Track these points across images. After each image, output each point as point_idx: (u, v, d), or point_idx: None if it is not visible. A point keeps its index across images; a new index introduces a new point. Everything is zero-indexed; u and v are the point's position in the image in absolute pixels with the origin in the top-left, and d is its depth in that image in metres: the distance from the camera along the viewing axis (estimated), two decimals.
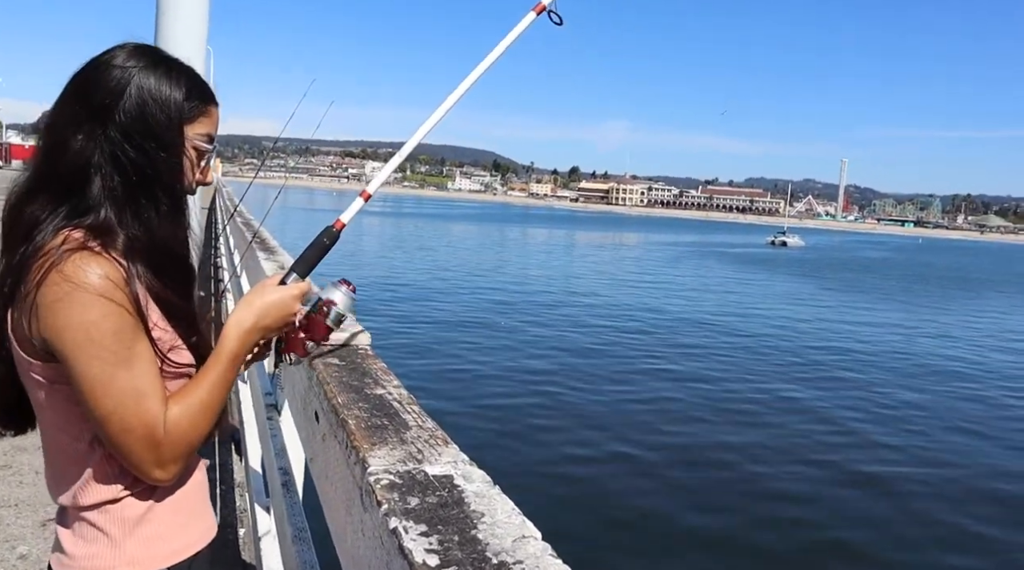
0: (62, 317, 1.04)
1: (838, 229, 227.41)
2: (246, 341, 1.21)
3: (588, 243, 62.45)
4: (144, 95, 1.13)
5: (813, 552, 6.67)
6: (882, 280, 41.40)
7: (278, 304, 1.24)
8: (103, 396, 1.06)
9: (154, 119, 1.14)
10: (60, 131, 1.13)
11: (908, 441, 10.05)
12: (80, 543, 1.18)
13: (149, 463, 1.10)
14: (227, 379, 1.18)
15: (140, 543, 1.18)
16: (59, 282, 1.04)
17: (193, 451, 1.16)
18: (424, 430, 1.26)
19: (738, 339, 16.97)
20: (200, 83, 1.23)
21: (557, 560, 0.84)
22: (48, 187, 1.12)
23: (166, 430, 1.10)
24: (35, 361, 1.10)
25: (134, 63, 1.15)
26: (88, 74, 1.15)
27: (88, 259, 1.06)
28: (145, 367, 1.09)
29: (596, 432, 9.56)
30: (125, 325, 1.07)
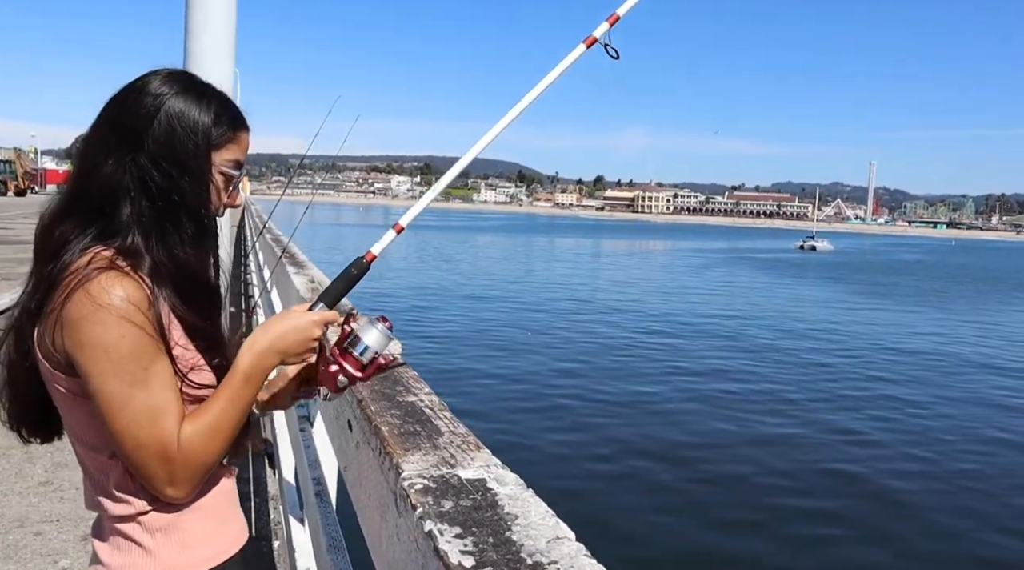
0: (84, 335, 1.07)
1: (868, 232, 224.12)
2: (260, 363, 1.20)
3: (615, 251, 62.30)
4: (173, 122, 1.15)
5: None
6: (917, 282, 40.69)
7: (297, 329, 1.23)
8: (118, 413, 1.08)
9: (182, 145, 1.16)
10: (92, 155, 1.16)
11: (947, 449, 9.83)
12: (115, 553, 1.20)
13: (162, 481, 1.12)
14: (241, 400, 1.18)
15: (173, 550, 1.20)
16: (84, 301, 1.07)
17: (208, 471, 1.17)
18: (456, 435, 1.27)
19: (773, 344, 16.77)
20: (231, 109, 1.24)
21: (592, 560, 0.84)
22: (78, 209, 1.16)
23: (179, 449, 1.11)
24: (59, 374, 1.13)
25: (167, 90, 1.17)
26: (122, 99, 1.18)
27: (113, 280, 1.09)
28: (162, 387, 1.11)
29: (629, 435, 9.54)
30: (144, 346, 1.09)
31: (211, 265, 1.26)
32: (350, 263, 1.37)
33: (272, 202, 7.97)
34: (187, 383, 1.16)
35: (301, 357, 1.26)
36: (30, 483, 4.34)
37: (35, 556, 3.52)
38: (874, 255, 77.69)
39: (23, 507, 4.03)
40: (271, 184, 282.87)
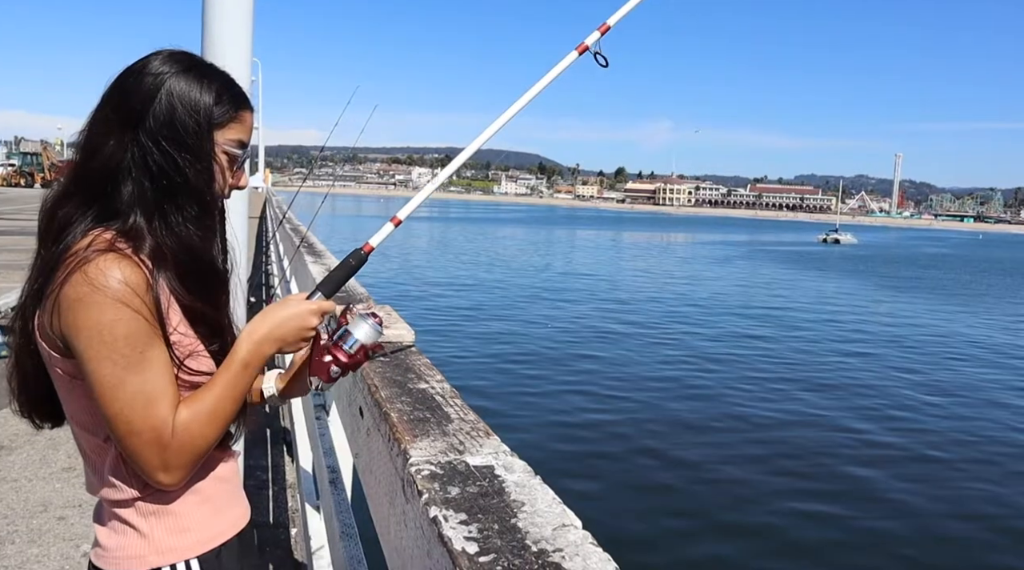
0: (80, 317, 1.06)
1: (893, 226, 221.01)
2: (258, 351, 1.19)
3: (636, 243, 62.00)
4: (174, 100, 1.14)
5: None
6: (942, 275, 40.14)
7: (294, 316, 1.22)
8: (112, 398, 1.08)
9: (183, 125, 1.14)
10: (94, 136, 1.15)
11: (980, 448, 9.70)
12: (112, 535, 1.21)
13: (155, 467, 1.11)
14: (237, 387, 1.17)
15: (166, 534, 1.20)
16: (81, 283, 1.06)
17: (202, 457, 1.16)
18: (466, 422, 1.26)
19: (793, 335, 16.63)
20: (233, 88, 1.22)
21: (597, 548, 0.83)
22: (80, 190, 1.15)
23: (174, 435, 1.11)
24: (57, 356, 1.13)
25: (167, 69, 1.16)
26: (123, 80, 1.17)
27: (112, 262, 1.08)
28: (157, 372, 1.10)
29: (644, 426, 9.51)
30: (139, 330, 1.08)
31: (216, 247, 1.25)
32: (348, 254, 1.39)
33: (293, 194, 8.13)
34: (184, 369, 1.16)
35: (298, 345, 1.25)
36: (53, 469, 4.42)
37: (58, 540, 3.58)
38: (899, 249, 76.63)
39: (47, 492, 4.10)
40: (292, 176, 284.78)
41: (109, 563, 1.21)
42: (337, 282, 1.37)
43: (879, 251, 67.75)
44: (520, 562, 0.80)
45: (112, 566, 1.21)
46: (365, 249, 1.39)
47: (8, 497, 4.00)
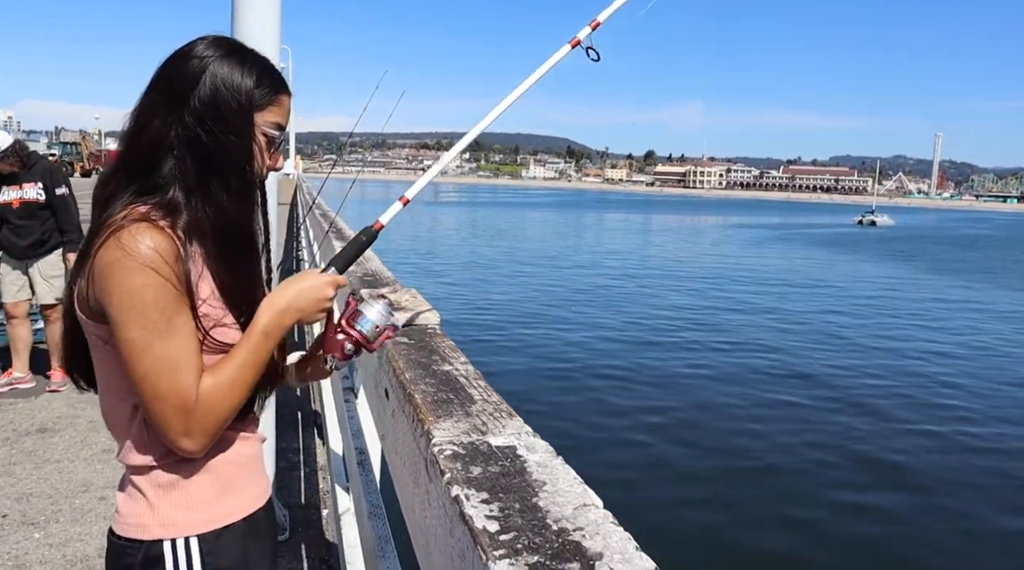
0: (111, 281, 1.11)
1: (932, 207, 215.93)
2: (278, 321, 1.23)
3: (665, 227, 61.48)
4: (217, 82, 1.19)
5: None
6: (983, 257, 39.22)
7: (311, 288, 1.27)
8: (138, 362, 1.12)
9: (226, 105, 1.19)
10: (141, 117, 1.21)
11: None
12: (127, 501, 1.26)
13: (178, 432, 1.15)
14: (259, 355, 1.21)
15: (172, 508, 1.24)
16: (114, 248, 1.11)
17: (224, 424, 1.20)
18: (489, 403, 1.27)
19: (829, 319, 16.41)
20: (272, 72, 1.27)
21: (618, 527, 0.84)
22: (126, 167, 1.21)
23: (198, 401, 1.14)
24: (90, 321, 1.18)
25: (211, 53, 1.21)
26: (169, 64, 1.22)
27: (144, 230, 1.12)
28: (183, 340, 1.14)
29: (670, 410, 9.52)
30: (167, 297, 1.12)
31: (255, 224, 1.29)
32: (360, 231, 1.44)
33: (323, 180, 8.21)
34: (209, 339, 1.19)
35: (315, 316, 1.29)
36: (95, 450, 4.54)
37: (99, 519, 3.68)
38: (938, 230, 74.95)
39: (88, 473, 4.22)
40: (323, 162, 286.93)
41: (120, 527, 1.26)
42: (349, 257, 1.42)
43: (917, 232, 66.35)
44: (540, 540, 0.80)
45: (123, 530, 1.26)
46: (375, 226, 1.44)
47: (52, 477, 4.12)
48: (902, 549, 6.29)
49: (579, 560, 0.76)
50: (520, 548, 0.78)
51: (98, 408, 1.25)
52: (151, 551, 1.23)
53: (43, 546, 3.39)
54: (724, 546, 6.18)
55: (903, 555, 6.22)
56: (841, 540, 6.36)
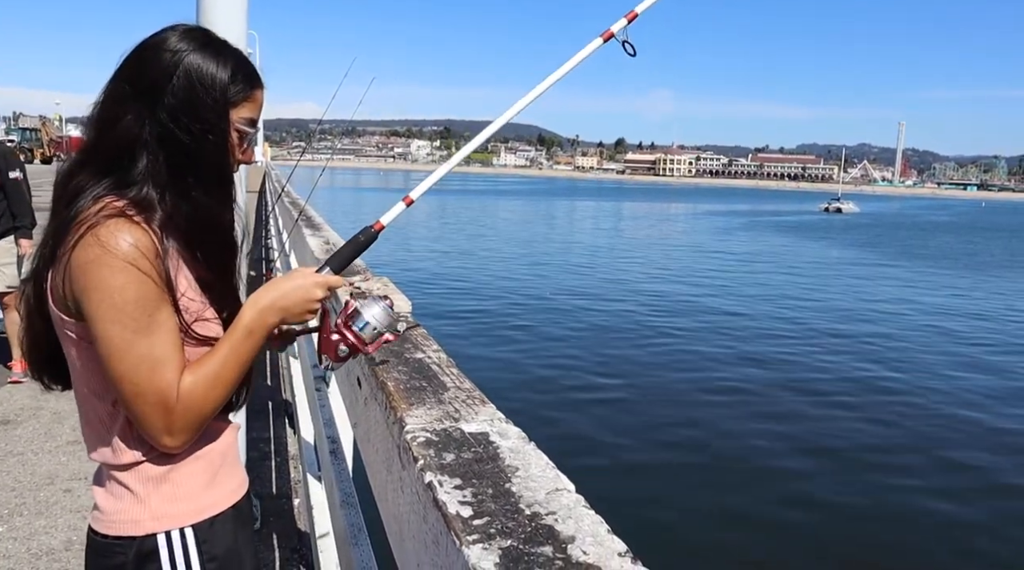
0: (91, 278, 1.09)
1: (895, 195, 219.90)
2: (262, 319, 1.21)
3: (637, 214, 61.83)
4: (192, 78, 1.16)
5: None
6: (947, 243, 40.08)
7: (299, 288, 1.25)
8: (119, 361, 1.10)
9: (201, 102, 1.17)
10: (110, 108, 1.17)
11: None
12: (110, 499, 1.24)
13: (159, 430, 1.14)
14: (241, 353, 1.20)
15: (164, 501, 1.23)
16: (92, 245, 1.09)
17: (205, 422, 1.19)
18: (462, 390, 1.28)
19: (792, 303, 16.66)
20: (247, 67, 1.25)
21: (590, 510, 0.85)
22: (95, 160, 1.18)
23: (179, 398, 1.13)
24: (68, 319, 1.15)
25: (184, 46, 1.18)
26: (139, 55, 1.19)
27: (122, 226, 1.10)
28: (164, 336, 1.12)
29: (637, 395, 9.62)
30: (148, 294, 1.11)
31: (229, 219, 1.27)
32: (359, 231, 1.40)
33: (292, 167, 8.04)
34: (191, 334, 1.18)
35: (301, 317, 1.27)
36: (59, 442, 4.46)
37: (64, 512, 3.62)
38: (901, 217, 76.40)
39: (53, 465, 4.15)
40: (291, 150, 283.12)
41: (106, 526, 1.24)
42: (346, 258, 1.38)
43: (881, 220, 67.57)
44: (513, 525, 0.81)
45: (109, 529, 1.23)
46: (375, 227, 1.40)
47: (15, 470, 4.04)
48: (868, 538, 6.44)
49: (551, 543, 0.77)
50: (493, 532, 0.79)
51: (62, 399, 1.24)
52: (144, 546, 1.22)
53: (6, 540, 3.33)
54: (694, 527, 6.28)
55: (867, 542, 6.37)
56: (805, 523, 6.50)
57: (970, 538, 6.40)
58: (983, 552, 6.19)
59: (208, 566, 1.26)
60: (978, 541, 6.35)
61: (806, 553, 6.03)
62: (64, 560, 3.21)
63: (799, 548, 6.10)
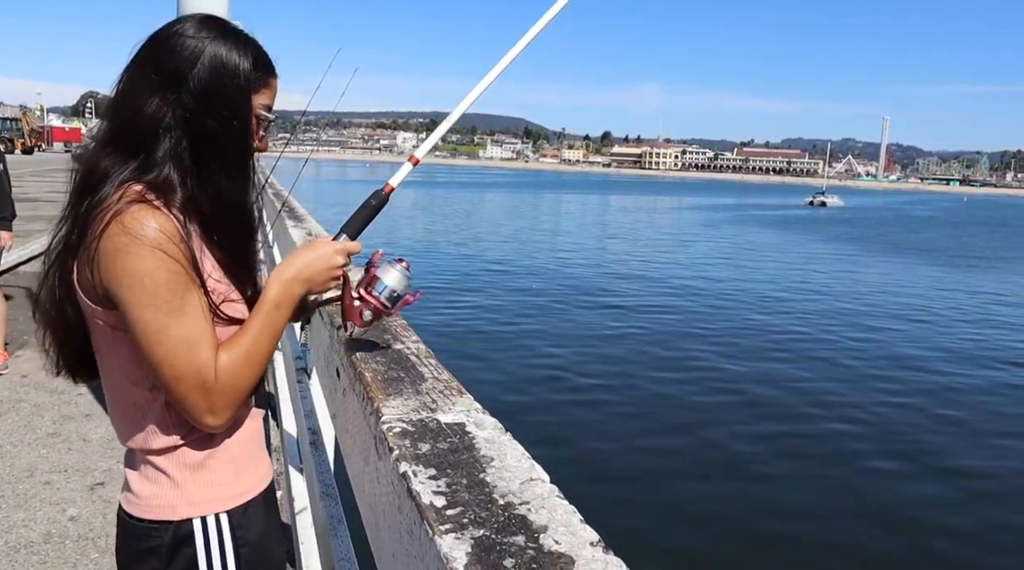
0: (120, 266, 1.10)
1: (879, 189, 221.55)
2: (288, 290, 1.25)
3: (621, 208, 61.96)
4: (217, 64, 1.19)
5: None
6: (930, 237, 40.48)
7: (321, 257, 1.28)
8: (156, 344, 1.12)
9: (226, 88, 1.20)
10: (133, 94, 1.19)
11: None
12: (146, 483, 1.26)
13: (202, 410, 1.16)
14: (272, 327, 1.23)
15: (199, 487, 1.26)
16: (119, 233, 1.10)
17: (244, 398, 1.21)
18: (440, 381, 1.28)
19: (781, 304, 16.78)
20: (264, 55, 1.28)
21: (563, 500, 0.85)
22: (118, 146, 1.19)
23: (217, 377, 1.15)
24: (98, 308, 1.16)
25: (205, 34, 1.20)
26: (162, 42, 1.21)
27: (145, 211, 1.12)
28: (196, 317, 1.14)
29: (615, 385, 9.69)
30: (177, 276, 1.12)
31: (249, 202, 1.30)
32: (370, 195, 1.42)
33: (275, 159, 7.91)
34: (219, 315, 1.20)
35: (325, 285, 1.31)
36: (39, 435, 4.42)
37: (44, 505, 3.60)
38: (885, 212, 77.03)
39: (33, 458, 4.12)
40: (277, 141, 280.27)
41: (142, 510, 1.26)
42: (361, 223, 1.41)
43: (865, 214, 68.12)
44: (487, 515, 0.81)
45: (144, 513, 1.25)
46: (386, 189, 1.42)
47: None
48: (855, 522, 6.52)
49: (524, 533, 0.77)
50: (466, 522, 0.79)
51: (42, 392, 1.22)
52: (180, 531, 1.24)
53: None
54: (668, 518, 6.34)
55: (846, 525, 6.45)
56: (779, 515, 6.57)
57: (957, 537, 6.48)
58: (971, 548, 6.28)
59: (242, 551, 1.28)
60: (966, 538, 6.44)
61: (780, 544, 6.09)
62: (43, 553, 3.19)
63: (773, 539, 6.16)
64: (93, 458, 4.16)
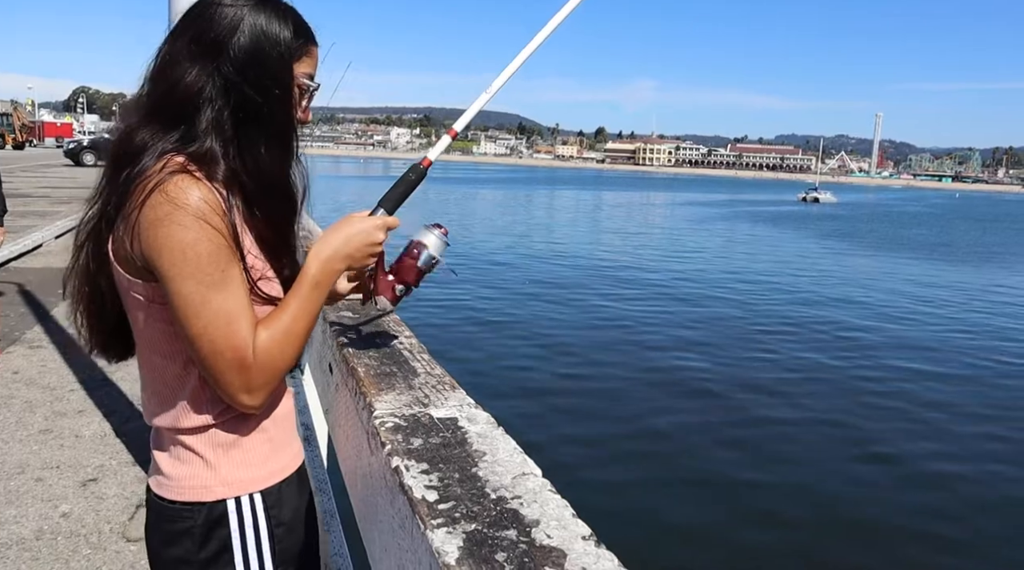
0: (162, 236, 1.07)
1: (872, 185, 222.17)
2: (328, 267, 1.23)
3: (615, 203, 61.99)
4: (257, 32, 1.17)
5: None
6: (921, 234, 40.65)
7: (360, 232, 1.26)
8: (195, 317, 1.09)
9: (267, 56, 1.18)
10: (172, 65, 1.17)
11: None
12: (177, 465, 1.23)
13: (238, 388, 1.13)
14: (311, 305, 1.20)
15: (233, 467, 1.23)
16: (162, 202, 1.08)
17: (280, 377, 1.19)
18: (432, 376, 1.28)
19: (777, 297, 16.83)
20: (304, 23, 1.26)
21: (556, 495, 0.85)
22: (158, 116, 1.17)
23: (255, 355, 1.12)
24: (135, 280, 1.14)
25: (244, 2, 1.19)
26: (201, 11, 1.19)
27: (189, 181, 1.10)
28: (236, 292, 1.12)
29: (608, 379, 9.69)
30: (220, 249, 1.10)
31: (292, 175, 1.27)
32: (408, 168, 1.41)
33: None
34: (256, 291, 1.18)
35: (364, 262, 1.28)
36: (31, 431, 4.40)
37: (36, 501, 3.58)
38: (878, 208, 77.27)
39: (24, 454, 4.09)
40: None
41: (173, 491, 1.23)
42: (399, 197, 1.38)
43: (858, 210, 68.32)
44: (479, 509, 0.81)
45: (177, 495, 1.23)
46: (423, 163, 1.41)
47: None
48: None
49: (516, 527, 0.78)
50: (458, 517, 0.80)
51: (34, 388, 1.21)
52: (214, 511, 1.22)
53: None
54: (660, 512, 6.35)
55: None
56: (772, 509, 6.59)
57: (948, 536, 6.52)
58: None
59: (276, 531, 1.26)
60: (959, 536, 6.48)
61: (773, 538, 6.12)
62: (34, 549, 3.18)
63: (766, 533, 6.18)
64: (85, 454, 4.15)
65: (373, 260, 1.29)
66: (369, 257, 1.28)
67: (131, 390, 5.19)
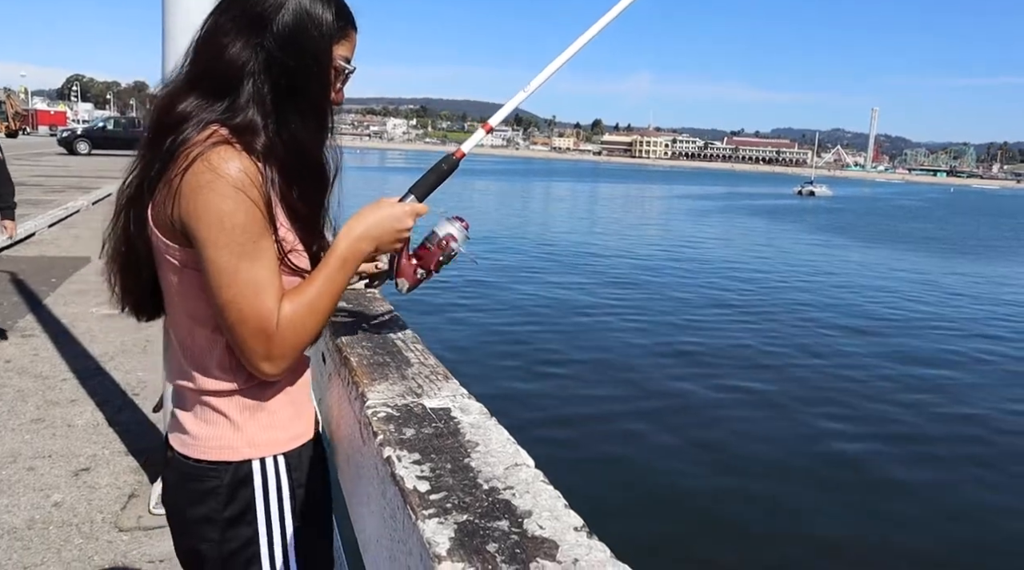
0: (201, 203, 1.11)
1: (867, 179, 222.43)
2: (356, 248, 1.25)
3: (612, 195, 61.98)
4: (301, 11, 1.20)
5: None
6: (916, 229, 40.77)
7: (390, 216, 1.29)
8: (226, 285, 1.12)
9: (309, 35, 1.21)
10: (218, 37, 1.20)
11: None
12: (203, 425, 1.26)
13: (260, 356, 1.16)
14: (336, 283, 1.23)
15: (258, 429, 1.26)
16: (204, 170, 1.11)
17: (302, 349, 1.22)
18: (426, 366, 1.27)
19: (769, 289, 16.86)
20: (346, 7, 1.29)
21: (548, 486, 0.85)
22: (201, 87, 1.20)
23: (279, 325, 1.15)
24: (172, 244, 1.17)
25: None
26: None
27: (232, 153, 1.13)
28: (267, 263, 1.15)
29: (602, 370, 9.70)
30: (255, 220, 1.13)
31: (326, 153, 1.30)
32: (441, 158, 1.44)
33: None
34: (286, 263, 1.20)
35: (392, 246, 1.32)
36: (23, 420, 4.39)
37: (28, 490, 3.57)
38: (874, 202, 77.42)
39: (16, 443, 4.08)
40: None
41: (200, 451, 1.26)
42: (429, 186, 1.41)
43: (854, 204, 68.46)
44: (471, 500, 0.81)
45: (202, 454, 1.25)
46: (457, 154, 1.44)
47: None
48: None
49: (508, 518, 0.77)
50: (450, 507, 0.79)
51: (26, 377, 1.20)
52: (240, 471, 1.25)
53: None
54: (652, 504, 6.37)
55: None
56: (767, 499, 6.62)
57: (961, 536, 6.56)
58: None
59: (297, 492, 1.29)
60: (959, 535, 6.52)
61: (767, 530, 6.15)
62: (26, 538, 3.17)
63: (761, 525, 6.21)
64: (78, 444, 4.14)
65: (400, 245, 1.33)
66: (397, 242, 1.31)
67: (124, 379, 5.17)
